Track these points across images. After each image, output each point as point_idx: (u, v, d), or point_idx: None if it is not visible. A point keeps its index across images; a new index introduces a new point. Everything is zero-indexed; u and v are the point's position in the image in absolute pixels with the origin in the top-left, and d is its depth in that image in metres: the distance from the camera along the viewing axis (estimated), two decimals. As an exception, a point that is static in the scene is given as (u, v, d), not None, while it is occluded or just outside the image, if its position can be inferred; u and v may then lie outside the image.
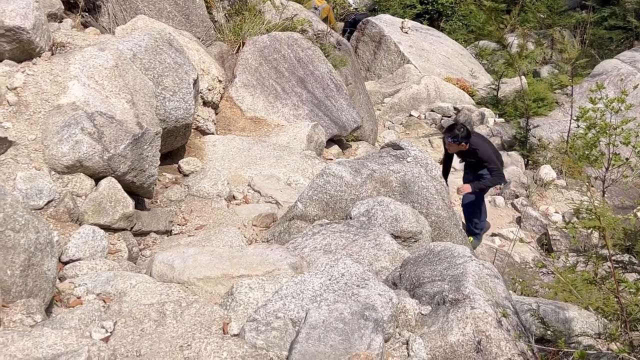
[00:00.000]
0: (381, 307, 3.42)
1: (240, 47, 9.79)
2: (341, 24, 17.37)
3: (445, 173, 8.71)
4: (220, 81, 8.38)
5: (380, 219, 5.12)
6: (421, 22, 18.78)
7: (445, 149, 8.64)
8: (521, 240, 8.37)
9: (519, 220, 9.64)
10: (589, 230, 3.68)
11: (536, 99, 12.00)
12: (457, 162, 11.05)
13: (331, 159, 8.90)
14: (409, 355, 3.39)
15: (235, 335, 3.30)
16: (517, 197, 10.12)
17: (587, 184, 3.61)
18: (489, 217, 9.31)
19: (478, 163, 8.41)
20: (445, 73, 14.95)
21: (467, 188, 8.37)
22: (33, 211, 4.13)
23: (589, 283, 3.91)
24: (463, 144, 8.12)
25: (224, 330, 3.33)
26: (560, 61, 14.88)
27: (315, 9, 15.38)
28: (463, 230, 6.30)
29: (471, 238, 7.50)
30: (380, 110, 13.39)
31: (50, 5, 6.74)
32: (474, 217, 8.80)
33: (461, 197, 8.80)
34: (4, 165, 4.77)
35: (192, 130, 7.39)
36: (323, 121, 9.38)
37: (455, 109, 12.90)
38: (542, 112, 12.09)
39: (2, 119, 4.97)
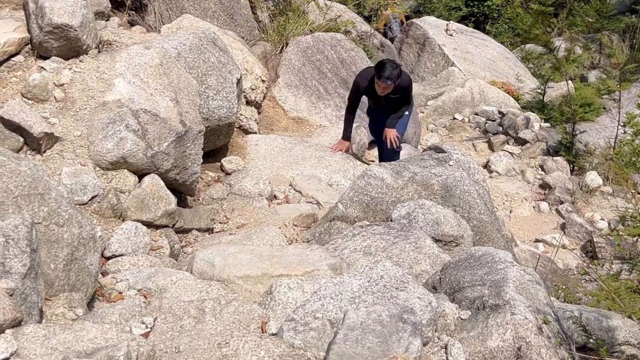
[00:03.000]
0: (420, 311, 3.39)
1: (284, 47, 9.82)
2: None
3: (351, 121, 7.98)
4: (263, 81, 8.42)
5: (421, 222, 5.08)
6: (467, 25, 18.62)
7: (357, 94, 7.79)
8: (563, 247, 8.21)
9: (563, 227, 9.49)
10: (635, 238, 3.62)
11: (583, 104, 11.78)
12: (499, 166, 10.95)
13: (373, 161, 8.87)
14: (447, 359, 3.36)
15: (273, 334, 3.30)
16: (562, 203, 9.96)
17: (632, 191, 3.54)
18: (532, 223, 9.20)
19: (400, 99, 7.72)
20: (490, 76, 14.78)
21: (392, 133, 7.84)
22: (77, 206, 4.20)
23: (633, 292, 3.84)
24: (397, 82, 7.40)
25: (262, 329, 3.34)
26: (609, 66, 14.63)
27: (394, 18, 15.45)
28: (507, 235, 6.22)
29: None
30: (423, 112, 13.29)
31: (98, 3, 6.85)
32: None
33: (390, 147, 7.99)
34: (49, 160, 4.86)
35: (235, 129, 7.44)
36: (365, 122, 9.34)
37: (500, 112, 12.74)
38: (589, 117, 11.88)
39: (49, 114, 5.06)
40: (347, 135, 7.98)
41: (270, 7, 10.87)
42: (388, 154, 7.94)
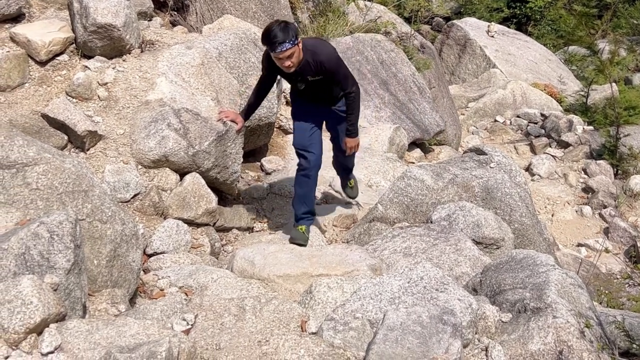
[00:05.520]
0: (460, 312, 3.37)
1: (324, 48, 9.81)
2: (426, 27, 17.22)
3: (254, 107, 5.52)
4: (303, 81, 8.42)
5: (461, 224, 5.05)
6: (508, 26, 18.41)
7: (264, 76, 5.38)
8: (606, 251, 8.09)
9: (606, 231, 9.36)
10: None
11: (627, 107, 11.61)
12: (541, 169, 10.83)
13: (413, 163, 8.82)
14: (488, 362, 3.33)
15: (313, 333, 3.30)
16: (605, 207, 9.82)
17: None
18: (575, 227, 9.07)
19: (326, 82, 5.20)
20: (532, 78, 14.62)
21: (356, 142, 5.63)
22: (120, 204, 4.25)
23: (679, 297, 3.77)
24: (299, 42, 4.87)
25: (302, 328, 3.34)
26: (654, 68, 14.39)
27: None
28: (548, 239, 6.14)
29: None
30: (464, 114, 13.21)
31: (141, 3, 6.91)
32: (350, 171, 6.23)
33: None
34: (93, 158, 4.92)
35: (275, 129, 7.46)
36: (405, 124, 9.31)
37: (542, 115, 12.60)
38: (634, 120, 11.70)
39: (92, 113, 5.12)
40: (244, 114, 5.57)
41: (311, 8, 10.89)
42: (344, 164, 6.05)
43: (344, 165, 6.09)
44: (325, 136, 5.72)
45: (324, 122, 5.66)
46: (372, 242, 4.96)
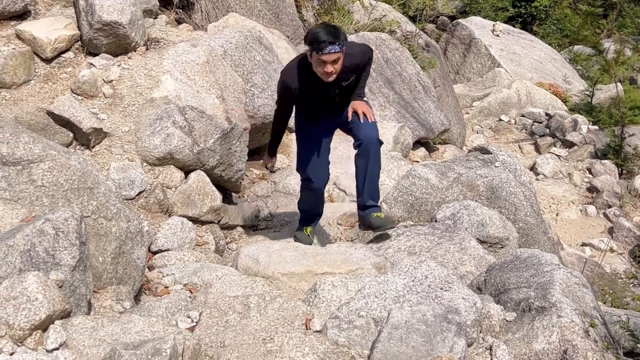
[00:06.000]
0: (465, 311, 3.37)
1: (329, 47, 9.81)
2: (431, 26, 17.21)
3: (278, 140, 5.32)
4: (308, 80, 8.42)
5: (466, 223, 5.04)
6: (513, 26, 18.40)
7: (287, 100, 4.91)
8: (611, 251, 8.08)
9: (611, 231, 9.35)
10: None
11: (632, 107, 11.60)
12: (545, 168, 10.81)
13: (417, 161, 8.81)
14: (492, 361, 3.33)
15: (317, 331, 3.30)
16: (609, 206, 9.81)
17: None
18: (579, 227, 9.06)
19: (355, 83, 4.89)
20: (537, 78, 14.61)
21: (364, 103, 4.95)
22: (125, 201, 4.25)
23: (684, 297, 3.76)
24: (344, 49, 4.53)
25: (306, 326, 3.34)
26: (659, 68, 14.36)
27: None
28: (553, 238, 6.13)
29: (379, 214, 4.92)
30: (468, 114, 13.20)
31: (146, 1, 6.93)
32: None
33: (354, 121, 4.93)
34: (98, 155, 4.93)
35: (280, 128, 7.45)
36: (410, 123, 9.29)
37: (547, 114, 12.60)
38: (639, 120, 11.69)
39: (98, 110, 5.13)
40: (272, 150, 5.36)
41: (316, 6, 10.90)
42: (365, 132, 4.90)
43: (372, 139, 4.95)
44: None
45: (343, 128, 5.19)
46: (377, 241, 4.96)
